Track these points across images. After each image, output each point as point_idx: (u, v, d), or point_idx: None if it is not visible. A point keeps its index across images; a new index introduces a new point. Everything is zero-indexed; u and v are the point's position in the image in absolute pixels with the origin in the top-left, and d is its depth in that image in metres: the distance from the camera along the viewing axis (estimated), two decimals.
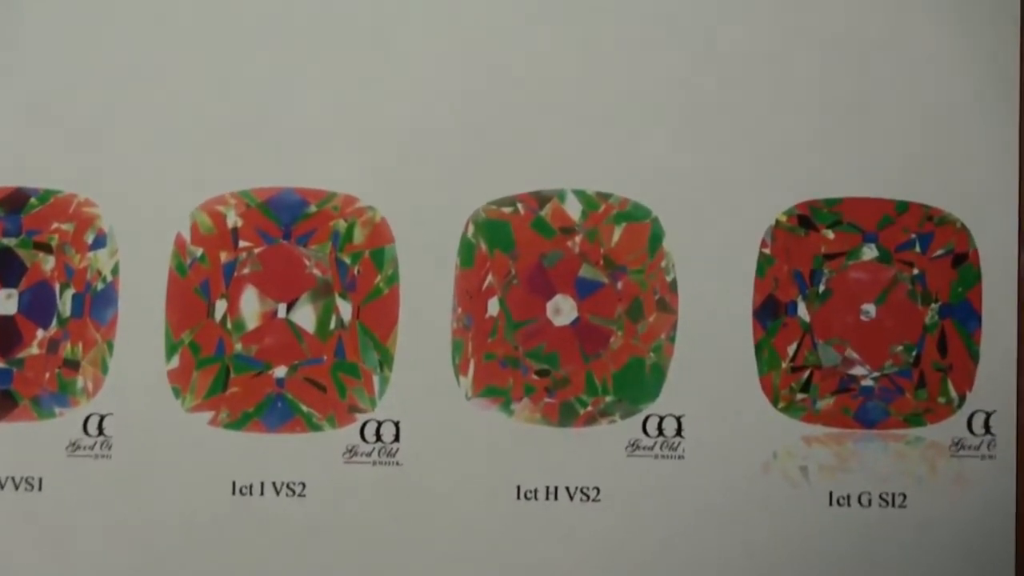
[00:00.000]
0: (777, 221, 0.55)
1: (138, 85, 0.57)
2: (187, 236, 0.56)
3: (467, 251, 0.56)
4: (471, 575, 0.55)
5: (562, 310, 0.55)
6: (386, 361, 0.55)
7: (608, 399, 0.55)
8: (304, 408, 0.55)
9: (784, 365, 0.55)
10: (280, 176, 0.57)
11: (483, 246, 0.56)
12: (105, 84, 0.57)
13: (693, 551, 0.54)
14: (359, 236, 0.56)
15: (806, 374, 0.55)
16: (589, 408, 0.55)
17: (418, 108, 0.56)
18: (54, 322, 0.56)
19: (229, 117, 0.57)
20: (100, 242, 0.56)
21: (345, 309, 0.56)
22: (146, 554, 0.55)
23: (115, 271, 0.56)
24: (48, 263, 0.57)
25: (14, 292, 0.56)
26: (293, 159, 0.57)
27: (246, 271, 0.56)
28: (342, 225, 0.56)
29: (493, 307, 0.56)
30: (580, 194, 0.56)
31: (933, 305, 0.55)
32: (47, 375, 0.56)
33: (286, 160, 0.57)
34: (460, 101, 0.56)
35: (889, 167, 0.55)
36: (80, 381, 0.56)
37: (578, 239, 0.56)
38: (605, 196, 0.56)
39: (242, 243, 0.56)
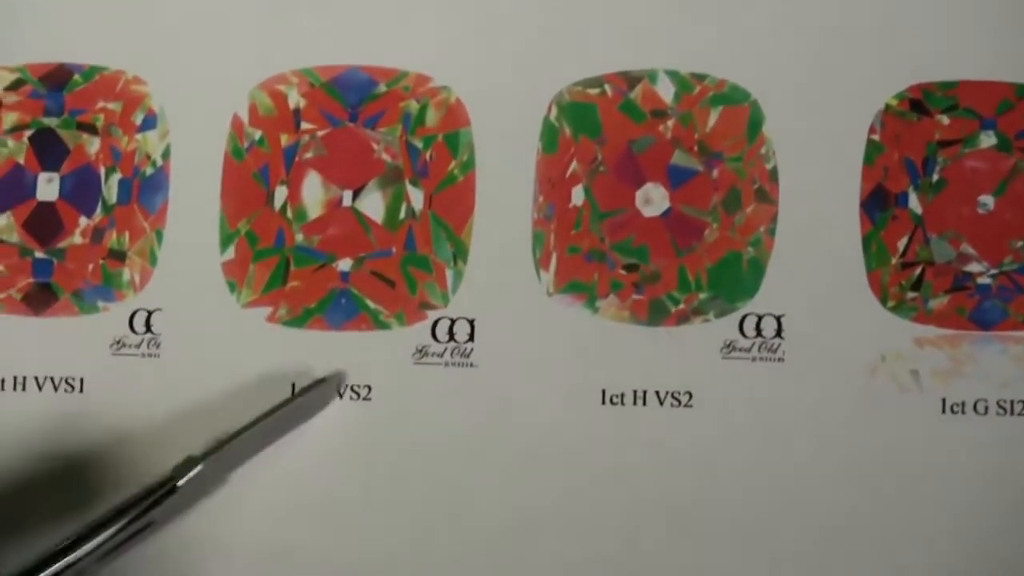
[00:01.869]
0: (887, 105, 0.51)
1: None
2: (245, 117, 0.52)
3: (550, 135, 0.52)
4: (552, 485, 0.50)
5: (652, 199, 0.51)
6: (460, 254, 0.51)
7: (702, 296, 0.51)
8: (371, 304, 0.51)
9: (894, 261, 0.51)
10: (347, 53, 0.53)
11: (567, 130, 0.52)
12: None
13: (793, 461, 0.50)
14: (432, 118, 0.52)
15: (918, 271, 0.51)
16: (681, 306, 0.51)
17: None
18: (99, 209, 0.52)
19: None
20: (150, 123, 0.52)
21: (416, 197, 0.52)
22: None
23: (166, 154, 0.52)
24: (93, 145, 0.52)
25: (55, 176, 0.52)
26: (361, 34, 0.52)
27: (309, 155, 0.52)
28: (414, 106, 0.52)
29: (577, 196, 0.51)
30: (673, 74, 0.52)
31: None
32: (90, 267, 0.52)
33: (353, 35, 0.53)
34: None
35: (1010, 47, 0.51)
36: (126, 273, 0.52)
37: (670, 123, 0.52)
38: (700, 77, 0.52)
39: (305, 125, 0.52)
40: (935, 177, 0.51)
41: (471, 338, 0.51)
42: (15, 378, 0.51)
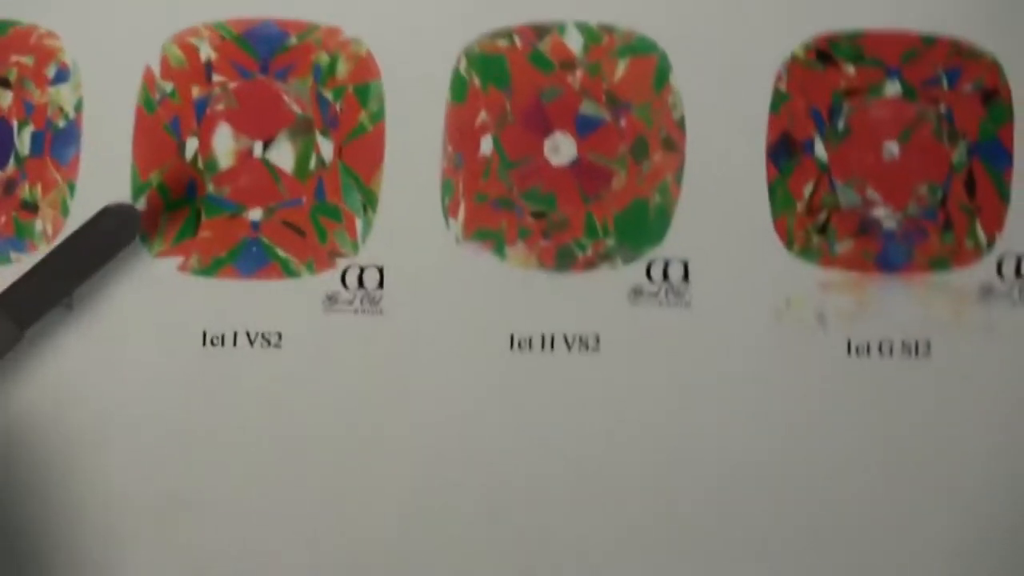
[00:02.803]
0: (793, 55, 0.52)
1: None
2: (156, 70, 0.52)
3: (459, 86, 0.52)
4: (460, 431, 0.50)
5: (560, 149, 0.52)
6: (370, 203, 0.51)
7: (609, 243, 0.51)
8: (281, 253, 0.51)
9: (799, 207, 0.51)
10: (259, 6, 0.53)
11: (476, 81, 0.52)
12: None
13: (700, 404, 0.50)
14: (343, 70, 0.52)
15: (823, 216, 0.51)
16: (588, 252, 0.51)
17: None
18: (11, 162, 0.52)
19: None
20: (62, 76, 0.52)
21: (326, 148, 0.52)
22: (108, 408, 0.51)
23: (78, 107, 0.52)
24: (5, 99, 0.53)
25: None
26: None
27: (220, 107, 0.52)
28: (324, 59, 0.52)
29: (486, 146, 0.52)
30: (582, 26, 0.52)
31: (960, 143, 0.51)
32: (3, 219, 0.52)
33: None
34: None
35: None
36: (39, 224, 0.52)
37: (579, 74, 0.52)
38: (609, 28, 0.52)
39: (216, 77, 0.52)
40: (841, 125, 0.51)
41: (380, 285, 0.51)
42: None
